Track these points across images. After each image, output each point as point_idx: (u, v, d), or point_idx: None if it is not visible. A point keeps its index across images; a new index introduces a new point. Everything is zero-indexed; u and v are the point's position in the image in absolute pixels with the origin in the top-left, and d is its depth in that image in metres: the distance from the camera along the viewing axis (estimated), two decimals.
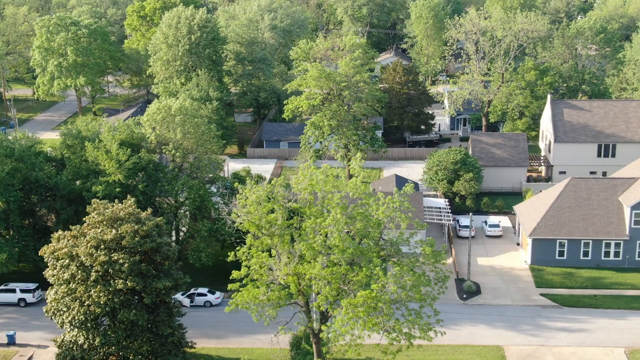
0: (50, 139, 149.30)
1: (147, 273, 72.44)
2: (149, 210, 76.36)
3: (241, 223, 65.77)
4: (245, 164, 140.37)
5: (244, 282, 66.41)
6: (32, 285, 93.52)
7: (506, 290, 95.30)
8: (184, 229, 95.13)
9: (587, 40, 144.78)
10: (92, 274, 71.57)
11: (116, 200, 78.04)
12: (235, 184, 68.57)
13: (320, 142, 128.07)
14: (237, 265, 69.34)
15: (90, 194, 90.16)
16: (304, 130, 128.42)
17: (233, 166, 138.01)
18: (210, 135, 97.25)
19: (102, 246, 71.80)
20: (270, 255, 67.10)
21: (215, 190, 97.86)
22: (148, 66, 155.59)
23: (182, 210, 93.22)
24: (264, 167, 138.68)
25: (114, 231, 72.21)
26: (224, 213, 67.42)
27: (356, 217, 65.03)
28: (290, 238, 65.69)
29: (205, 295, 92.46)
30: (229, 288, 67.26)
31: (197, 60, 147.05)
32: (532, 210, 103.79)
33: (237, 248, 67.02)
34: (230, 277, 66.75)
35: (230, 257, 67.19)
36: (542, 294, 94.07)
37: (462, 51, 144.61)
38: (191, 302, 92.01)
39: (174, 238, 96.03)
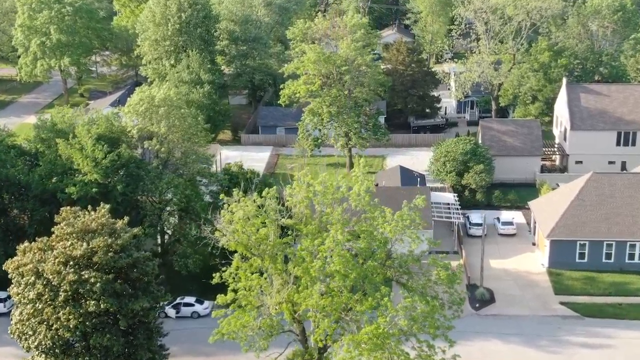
0: (33, 123, 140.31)
1: (122, 292, 64.18)
2: (125, 219, 67.79)
3: (227, 242, 57.18)
4: (239, 151, 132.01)
5: (231, 308, 58.08)
6: (3, 294, 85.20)
7: (522, 297, 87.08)
8: (169, 231, 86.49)
9: (605, 18, 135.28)
10: (61, 294, 63.33)
11: (89, 207, 69.50)
12: (222, 195, 59.86)
13: (319, 130, 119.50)
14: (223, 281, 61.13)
15: (64, 194, 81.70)
16: (301, 117, 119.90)
17: (226, 154, 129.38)
18: (198, 129, 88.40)
19: (71, 262, 63.48)
20: (261, 275, 58.74)
21: (204, 189, 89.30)
22: (137, 45, 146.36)
23: (167, 210, 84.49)
24: (259, 156, 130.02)
25: (84, 245, 63.80)
26: (207, 232, 58.89)
27: (359, 234, 56.54)
28: (284, 258, 57.21)
29: (193, 305, 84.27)
30: (213, 316, 58.89)
31: (188, 40, 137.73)
32: (549, 208, 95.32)
33: (223, 269, 58.59)
34: (215, 303, 58.46)
35: (215, 279, 58.81)
36: (561, 303, 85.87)
37: (471, 30, 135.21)
38: (177, 312, 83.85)
39: (159, 241, 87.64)
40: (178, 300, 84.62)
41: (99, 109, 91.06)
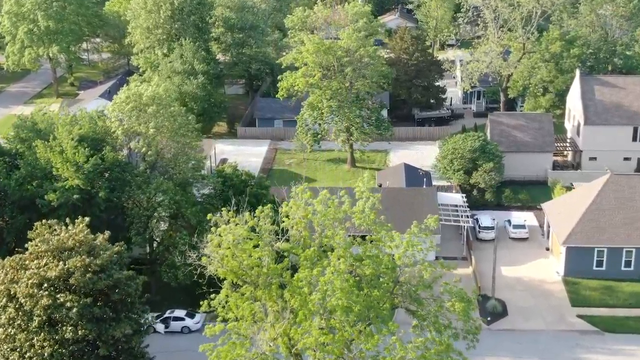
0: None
1: (102, 317, 58.36)
2: (106, 234, 61.82)
3: (215, 270, 51.06)
4: (235, 145, 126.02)
5: (220, 340, 52.10)
6: None
7: (537, 310, 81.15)
8: (157, 239, 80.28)
9: (619, 6, 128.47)
10: (35, 318, 57.48)
11: (69, 219, 63.48)
12: (209, 216, 53.73)
13: (319, 125, 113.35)
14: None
15: (44, 201, 75.59)
16: (300, 111, 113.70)
17: (222, 148, 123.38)
18: (189, 129, 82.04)
19: (46, 284, 57.57)
20: (255, 301, 52.74)
21: (196, 192, 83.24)
22: (129, 33, 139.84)
23: (155, 217, 78.30)
24: (256, 150, 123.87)
25: (60, 265, 57.86)
26: (192, 258, 52.90)
27: (363, 258, 50.46)
28: (280, 286, 51.10)
29: (183, 319, 78.35)
30: (200, 350, 52.92)
31: (181, 28, 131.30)
32: (564, 212, 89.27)
33: (211, 296, 52.61)
34: (204, 333, 52.60)
35: (203, 307, 52.86)
36: (579, 315, 79.93)
37: (479, 18, 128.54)
38: (166, 327, 77.96)
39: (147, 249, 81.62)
40: (167, 313, 78.73)
41: (82, 108, 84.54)
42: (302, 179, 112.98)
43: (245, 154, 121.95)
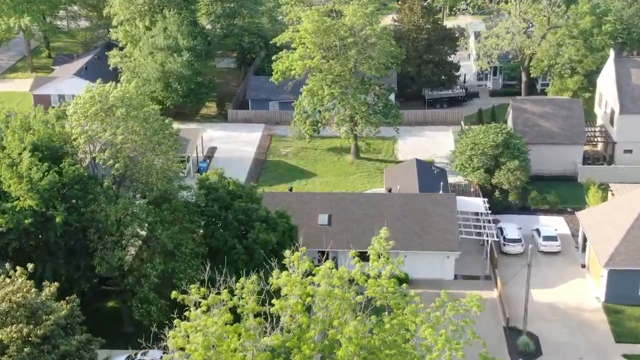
0: None
1: None
2: (53, 286, 49.27)
3: None
4: (226, 131, 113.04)
5: None
6: None
7: (575, 347, 68.84)
8: (125, 268, 67.47)
9: None
10: None
11: (9, 265, 51.04)
12: (174, 294, 40.82)
13: (319, 112, 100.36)
14: None
15: None
16: (298, 93, 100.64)
17: (210, 135, 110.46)
18: (165, 135, 68.81)
19: None
20: None
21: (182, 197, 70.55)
22: (107, 3, 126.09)
23: (122, 243, 65.59)
24: (250, 137, 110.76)
25: None
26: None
27: (382, 348, 37.96)
28: None
29: None
30: None
31: None
32: (604, 225, 76.57)
33: None
34: None
35: None
36: (625, 355, 67.73)
37: None
38: None
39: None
40: (139, 355, 66.28)
41: (36, 110, 71.02)
42: (299, 172, 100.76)
43: (237, 142, 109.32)
